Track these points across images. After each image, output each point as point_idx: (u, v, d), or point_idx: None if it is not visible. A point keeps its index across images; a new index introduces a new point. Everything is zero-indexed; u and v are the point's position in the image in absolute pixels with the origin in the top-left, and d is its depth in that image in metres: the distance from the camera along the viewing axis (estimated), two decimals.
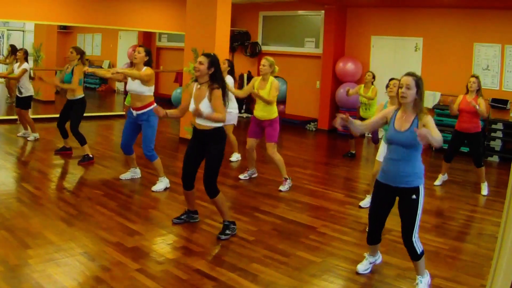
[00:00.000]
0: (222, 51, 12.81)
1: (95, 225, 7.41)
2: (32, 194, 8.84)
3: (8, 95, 18.83)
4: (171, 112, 7.41)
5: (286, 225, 8.02)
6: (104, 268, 6.10)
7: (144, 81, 9.07)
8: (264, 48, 20.01)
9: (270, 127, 9.94)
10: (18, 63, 12.87)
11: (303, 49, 19.03)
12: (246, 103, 19.99)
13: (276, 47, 19.79)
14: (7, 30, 23.20)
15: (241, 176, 10.65)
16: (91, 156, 11.18)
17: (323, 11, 18.00)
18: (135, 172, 10.20)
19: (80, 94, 11.11)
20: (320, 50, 18.32)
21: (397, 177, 5.67)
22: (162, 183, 9.60)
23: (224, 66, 11.53)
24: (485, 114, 10.18)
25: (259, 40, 20.19)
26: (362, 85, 13.17)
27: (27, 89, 12.87)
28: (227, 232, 7.36)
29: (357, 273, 6.34)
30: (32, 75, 13.59)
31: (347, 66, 17.16)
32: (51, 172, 10.43)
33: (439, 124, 11.26)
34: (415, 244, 5.71)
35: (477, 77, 10.14)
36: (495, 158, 14.30)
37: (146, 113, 9.27)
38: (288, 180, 9.97)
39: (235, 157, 12.57)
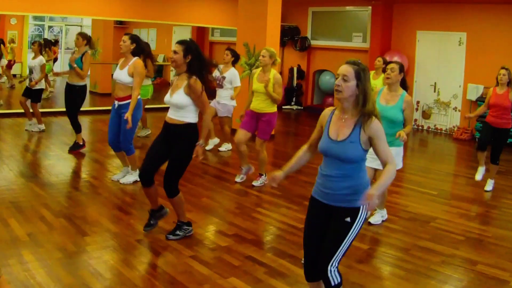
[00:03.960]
0: (273, 46, 12.60)
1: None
2: (89, 183, 8.85)
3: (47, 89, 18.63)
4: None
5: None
6: (158, 255, 6.05)
7: (131, 74, 8.34)
8: (313, 43, 19.81)
9: (265, 122, 9.03)
10: (33, 55, 12.73)
11: (351, 43, 18.75)
12: (297, 95, 19.85)
13: (324, 41, 19.53)
14: (65, 25, 23.42)
15: (237, 179, 9.45)
16: (81, 144, 10.88)
17: (370, 7, 17.74)
18: (127, 171, 9.20)
19: (82, 82, 10.64)
20: (367, 45, 18.05)
21: (335, 195, 4.30)
22: (132, 176, 8.97)
23: (228, 58, 11.23)
24: None
25: (308, 35, 19.96)
26: (373, 71, 11.69)
27: (39, 82, 12.58)
28: (178, 232, 6.62)
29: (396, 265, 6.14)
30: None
31: (394, 59, 16.83)
32: (108, 162, 10.40)
33: (482, 116, 10.78)
34: (330, 274, 4.27)
35: (507, 69, 9.54)
36: None
37: (127, 105, 8.38)
38: (263, 176, 9.34)
39: (224, 147, 11.98)
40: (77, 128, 10.83)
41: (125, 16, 16.82)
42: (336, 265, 4.29)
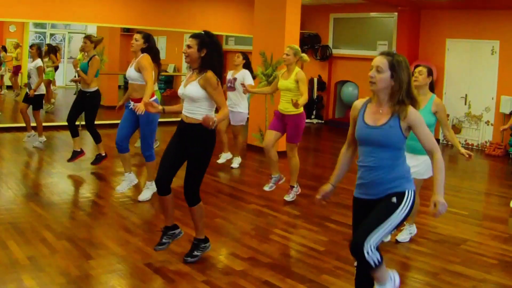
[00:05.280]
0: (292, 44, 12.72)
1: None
2: (94, 202, 8.88)
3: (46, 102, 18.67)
4: (170, 108, 6.71)
5: None
6: (169, 280, 6.03)
7: (137, 69, 8.43)
8: (335, 52, 19.84)
9: (293, 124, 9.07)
10: (31, 59, 12.79)
11: (376, 52, 18.21)
12: (317, 108, 19.85)
13: (347, 50, 19.56)
14: (69, 32, 23.50)
15: (266, 188, 9.57)
16: (103, 154, 10.99)
17: (396, 13, 17.73)
18: (130, 180, 9.28)
19: (94, 87, 10.72)
20: None
21: (377, 188, 4.49)
22: (149, 190, 9.02)
23: (239, 60, 11.40)
24: None
25: (330, 43, 20.00)
26: None
27: (38, 87, 12.54)
28: (195, 253, 6.57)
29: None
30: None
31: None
32: (114, 179, 10.42)
33: None
34: (367, 255, 4.33)
35: None
36: None
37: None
38: (294, 188, 9.45)
39: (236, 162, 11.92)
40: (96, 137, 10.94)
41: (132, 23, 16.86)
42: (374, 245, 4.36)
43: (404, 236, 7.58)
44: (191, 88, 6.22)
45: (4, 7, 14.19)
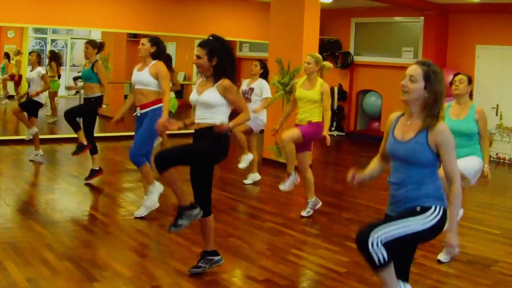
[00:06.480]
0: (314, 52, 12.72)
1: (169, 256, 7.35)
2: (99, 221, 8.90)
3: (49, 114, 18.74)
4: (191, 120, 6.68)
5: None
6: None
7: (154, 74, 8.44)
8: (357, 59, 19.86)
9: (309, 125, 9.00)
10: (30, 67, 12.86)
11: (400, 59, 18.61)
12: (338, 119, 19.82)
13: (370, 57, 19.59)
14: (71, 38, 23.53)
15: (282, 187, 9.31)
16: (97, 168, 11.02)
17: (422, 18, 17.72)
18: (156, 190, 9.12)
19: (98, 92, 10.79)
20: None
21: (404, 206, 4.48)
22: (154, 195, 8.96)
23: (256, 69, 11.37)
24: None
25: (351, 50, 20.03)
26: None
27: (38, 95, 12.53)
28: (200, 264, 6.71)
29: None
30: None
31: (449, 78, 16.68)
32: (120, 196, 10.47)
33: None
34: (372, 248, 4.32)
35: None
36: None
37: (152, 112, 8.53)
38: (310, 203, 9.45)
39: (250, 178, 11.81)
40: (92, 149, 10.95)
41: (139, 28, 16.83)
42: (382, 239, 4.33)
43: (444, 256, 7.54)
44: (208, 94, 6.25)
45: (2, 11, 14.16)
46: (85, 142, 10.98)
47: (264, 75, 11.58)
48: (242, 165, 11.57)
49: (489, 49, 16.50)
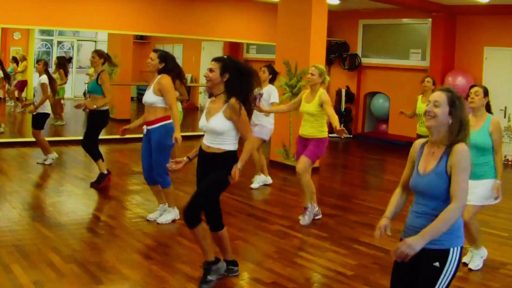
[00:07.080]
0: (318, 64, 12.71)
1: (176, 258, 7.36)
2: (105, 223, 8.91)
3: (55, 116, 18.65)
4: (195, 152, 6.68)
5: (389, 259, 7.76)
6: None
7: (157, 91, 8.42)
8: (364, 61, 19.85)
9: (315, 144, 9.08)
10: (37, 74, 12.85)
11: (408, 61, 18.69)
12: (345, 121, 19.78)
13: (377, 59, 19.57)
14: (77, 40, 23.51)
15: (302, 222, 9.22)
16: (105, 172, 10.92)
17: (430, 19, 17.70)
18: (164, 210, 9.09)
19: (105, 106, 10.69)
20: (427, 63, 17.97)
21: None
22: (170, 214, 8.97)
23: (264, 75, 11.23)
24: None
25: (359, 52, 20.01)
26: (420, 96, 11.54)
27: (43, 105, 12.44)
28: (209, 278, 6.49)
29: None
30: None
31: (457, 80, 16.67)
32: (127, 199, 10.47)
33: None
34: None
35: None
36: None
37: (158, 130, 8.51)
38: (309, 209, 9.30)
39: (257, 181, 11.74)
40: (94, 155, 10.86)
41: (146, 30, 16.84)
42: None
43: (476, 262, 7.49)
44: (216, 121, 6.22)
45: (8, 12, 14.15)
46: (105, 171, 10.92)
47: (273, 80, 11.54)
48: (255, 185, 11.61)
49: (497, 51, 16.46)
